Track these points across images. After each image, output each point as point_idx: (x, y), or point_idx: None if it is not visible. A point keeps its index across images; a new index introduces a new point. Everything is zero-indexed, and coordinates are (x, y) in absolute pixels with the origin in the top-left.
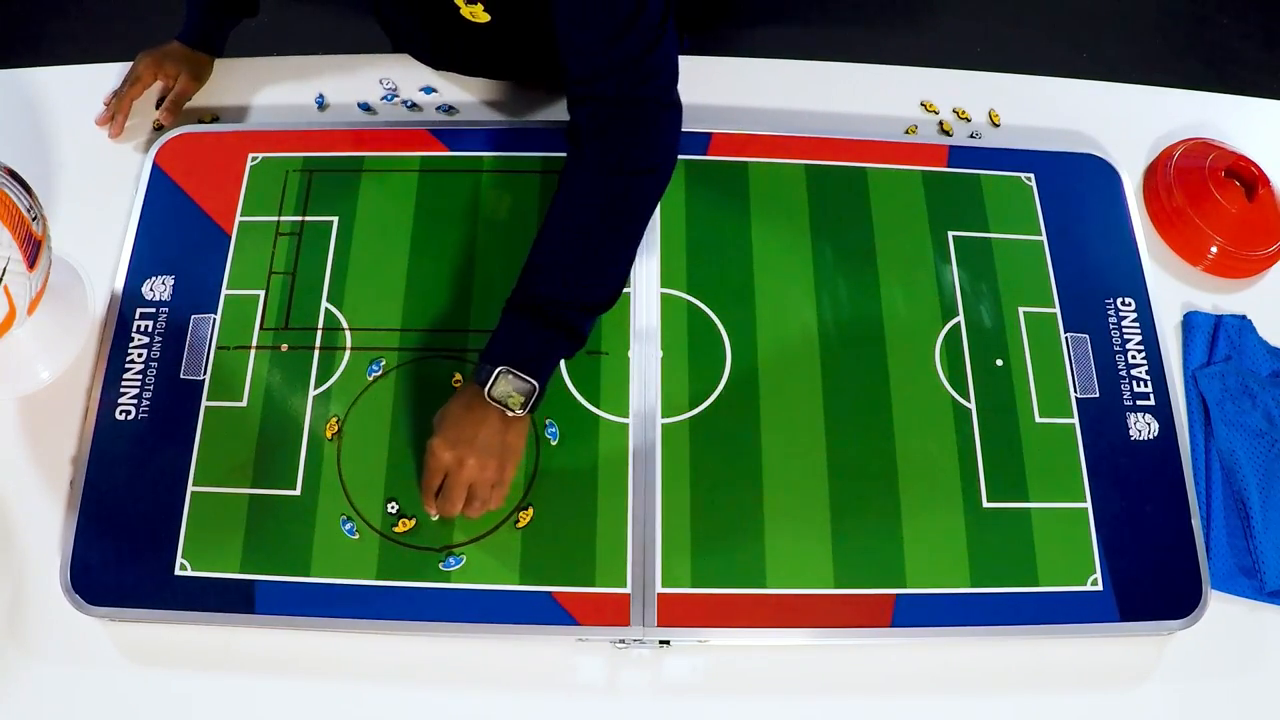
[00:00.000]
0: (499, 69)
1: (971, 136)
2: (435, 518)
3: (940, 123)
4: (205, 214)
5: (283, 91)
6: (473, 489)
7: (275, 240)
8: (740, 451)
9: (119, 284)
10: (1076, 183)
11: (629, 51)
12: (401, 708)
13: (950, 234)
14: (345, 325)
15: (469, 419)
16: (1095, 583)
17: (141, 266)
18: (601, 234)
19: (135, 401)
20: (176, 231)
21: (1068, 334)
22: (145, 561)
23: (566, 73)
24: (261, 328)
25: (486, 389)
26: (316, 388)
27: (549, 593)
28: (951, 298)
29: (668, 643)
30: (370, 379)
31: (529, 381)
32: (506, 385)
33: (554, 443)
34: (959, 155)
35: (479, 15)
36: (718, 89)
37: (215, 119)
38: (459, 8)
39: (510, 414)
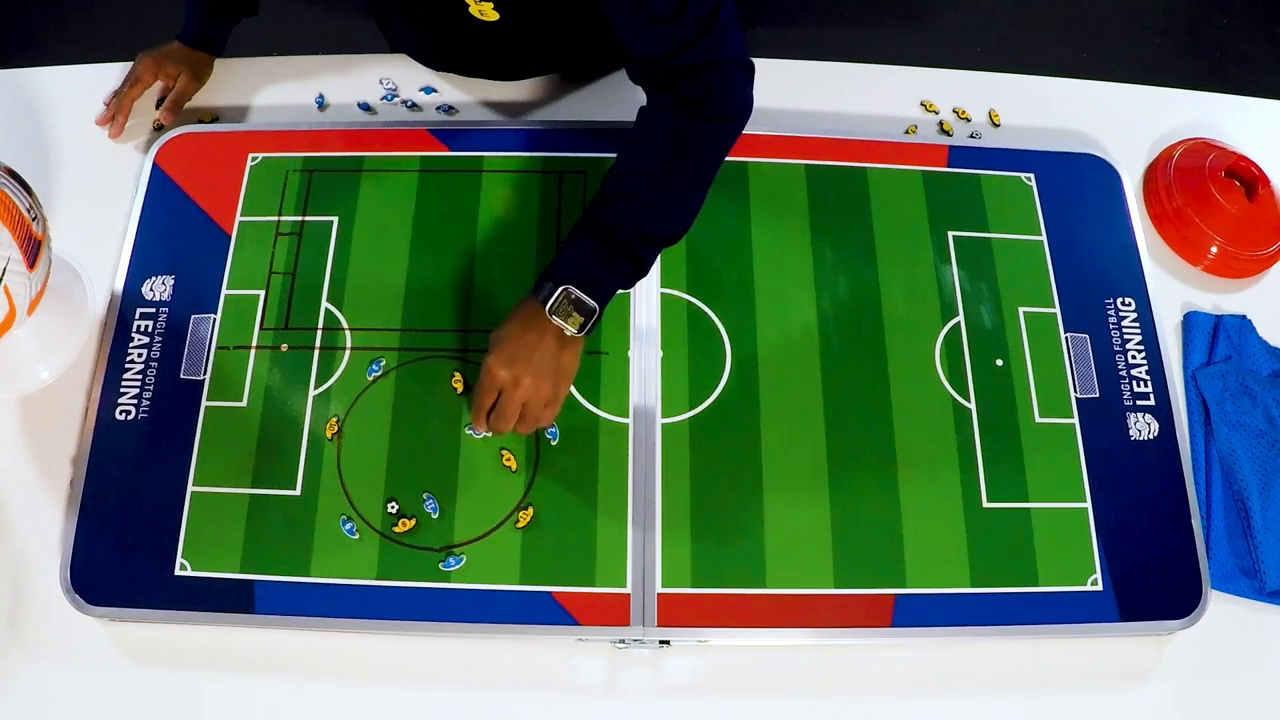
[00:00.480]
0: (502, 69)
1: (971, 136)
2: (481, 435)
3: (940, 123)
4: (205, 214)
5: (283, 91)
6: (526, 408)
7: (275, 240)
8: (740, 451)
9: (119, 284)
10: (1076, 183)
11: (689, 31)
12: (401, 708)
13: (950, 234)
14: (345, 325)
15: (527, 338)
16: (1095, 583)
17: (141, 266)
18: (677, 170)
19: (135, 401)
20: (176, 231)
21: (1068, 334)
22: (145, 561)
23: (628, 55)
24: (261, 328)
25: (548, 306)
26: (316, 388)
27: (549, 593)
28: (951, 298)
29: (668, 643)
30: (370, 379)
31: (591, 302)
32: (568, 304)
33: (554, 443)
34: (959, 155)
35: (488, 13)
36: None
37: (215, 119)
38: (468, 6)
39: (567, 334)
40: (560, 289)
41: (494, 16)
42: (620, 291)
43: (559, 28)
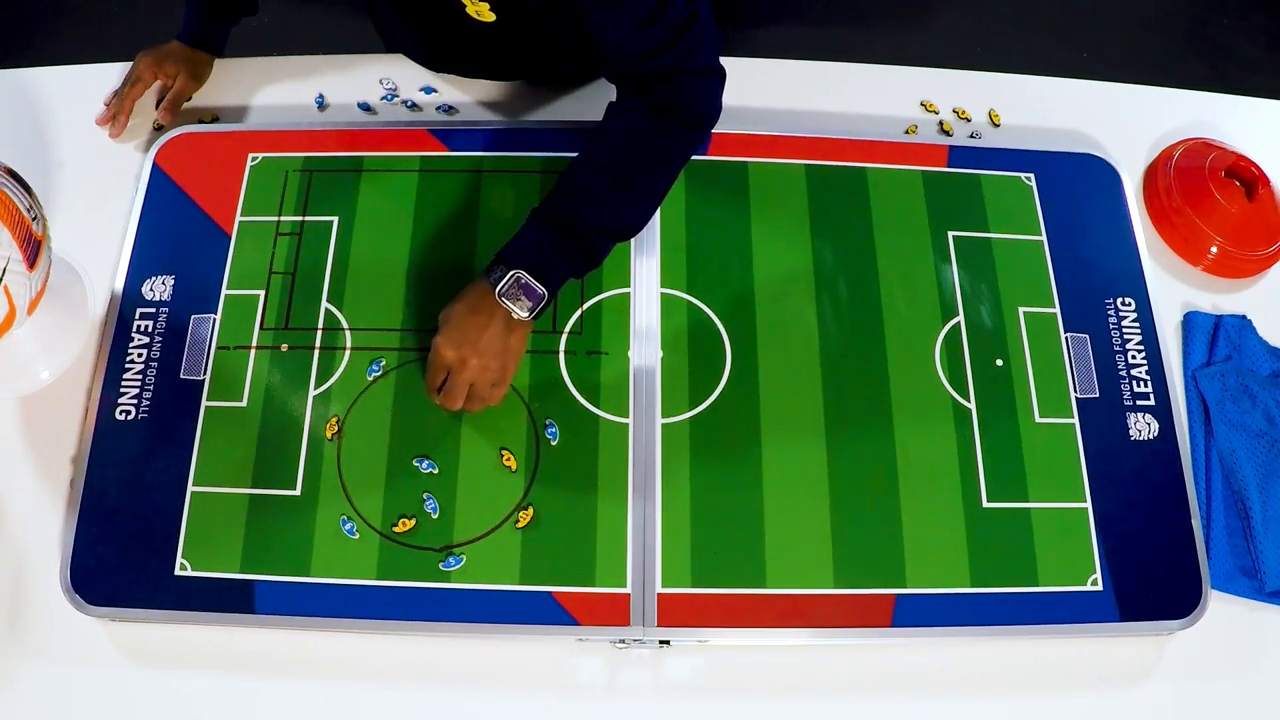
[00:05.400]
0: (500, 70)
1: (971, 136)
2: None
3: (940, 123)
4: (205, 214)
5: (283, 91)
6: (474, 388)
7: (275, 240)
8: (740, 451)
9: (119, 284)
10: (1076, 183)
11: (665, 36)
12: (401, 708)
13: (950, 234)
14: (345, 325)
15: (475, 320)
16: (1095, 583)
17: (141, 266)
18: (638, 169)
19: (135, 401)
20: (176, 231)
21: (1068, 334)
22: (145, 561)
23: (604, 57)
24: (261, 328)
25: (498, 289)
26: (316, 388)
27: (549, 593)
28: (951, 298)
29: (668, 643)
30: (370, 379)
31: (540, 288)
32: (518, 288)
33: (554, 443)
34: (959, 155)
35: (485, 15)
36: None
37: (215, 119)
38: (464, 6)
39: (516, 317)
40: (511, 273)
41: (491, 18)
42: (573, 279)
43: (556, 28)
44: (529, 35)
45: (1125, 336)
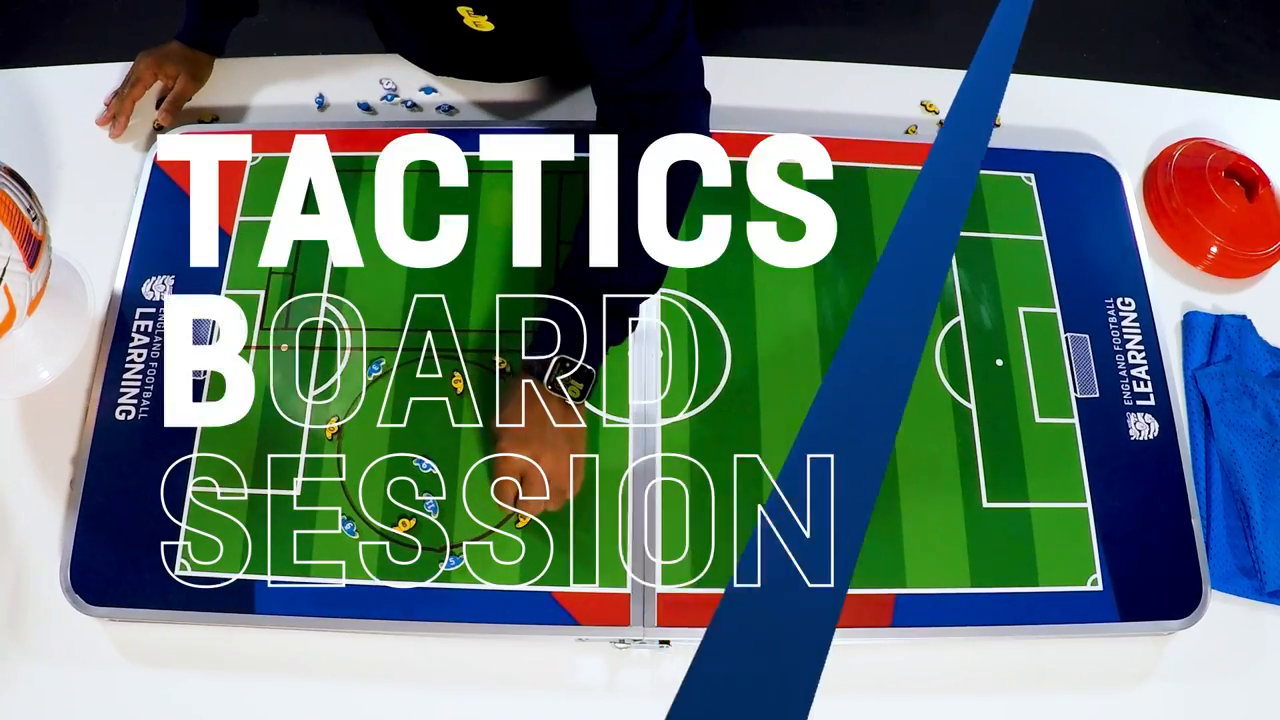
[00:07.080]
0: (498, 74)
1: None
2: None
3: (940, 123)
4: None
5: (283, 91)
6: (550, 483)
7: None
8: (740, 451)
9: (119, 284)
10: (1076, 183)
11: (653, 53)
12: (401, 708)
13: None
14: (345, 325)
15: (531, 416)
16: (1095, 583)
17: (141, 266)
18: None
19: (135, 401)
20: (176, 231)
21: (1068, 334)
22: (145, 561)
23: (593, 75)
24: (261, 328)
25: (546, 378)
26: (316, 388)
27: (549, 593)
28: (951, 298)
29: (668, 643)
30: (370, 379)
31: (587, 367)
32: (565, 373)
33: None
34: None
35: (482, 25)
36: (718, 89)
37: (215, 119)
38: (462, 18)
39: (569, 401)
40: (555, 360)
41: (489, 28)
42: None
43: (554, 35)
44: (527, 42)
45: (1125, 336)
